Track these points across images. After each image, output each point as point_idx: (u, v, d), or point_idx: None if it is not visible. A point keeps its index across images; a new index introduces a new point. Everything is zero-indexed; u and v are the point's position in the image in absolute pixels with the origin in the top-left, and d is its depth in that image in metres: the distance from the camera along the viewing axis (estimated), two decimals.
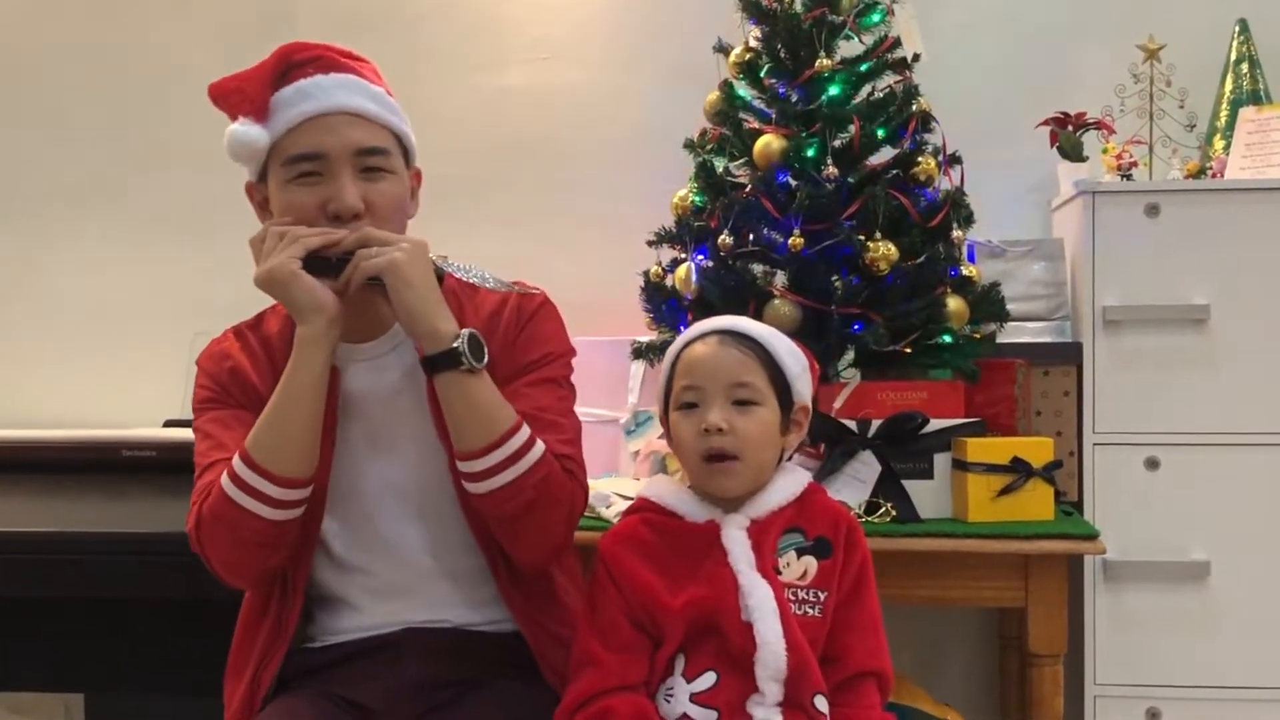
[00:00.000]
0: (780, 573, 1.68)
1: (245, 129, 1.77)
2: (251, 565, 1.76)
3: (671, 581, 1.68)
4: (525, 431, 1.72)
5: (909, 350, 2.34)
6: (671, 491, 1.76)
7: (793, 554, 1.70)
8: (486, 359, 1.73)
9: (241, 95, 1.78)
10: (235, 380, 1.85)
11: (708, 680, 1.65)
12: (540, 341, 1.86)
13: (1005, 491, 2.20)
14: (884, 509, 2.22)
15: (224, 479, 1.71)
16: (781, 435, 1.74)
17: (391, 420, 1.84)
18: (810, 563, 1.70)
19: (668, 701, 1.66)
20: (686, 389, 1.72)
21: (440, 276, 1.76)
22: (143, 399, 3.11)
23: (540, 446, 1.73)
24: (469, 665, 1.82)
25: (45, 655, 2.66)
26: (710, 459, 1.69)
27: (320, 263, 1.72)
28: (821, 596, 1.68)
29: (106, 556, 2.43)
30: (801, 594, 1.68)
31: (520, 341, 1.84)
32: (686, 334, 1.78)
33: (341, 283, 1.72)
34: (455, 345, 1.69)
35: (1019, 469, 2.21)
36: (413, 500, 1.83)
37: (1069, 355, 2.63)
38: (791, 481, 1.76)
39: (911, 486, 2.25)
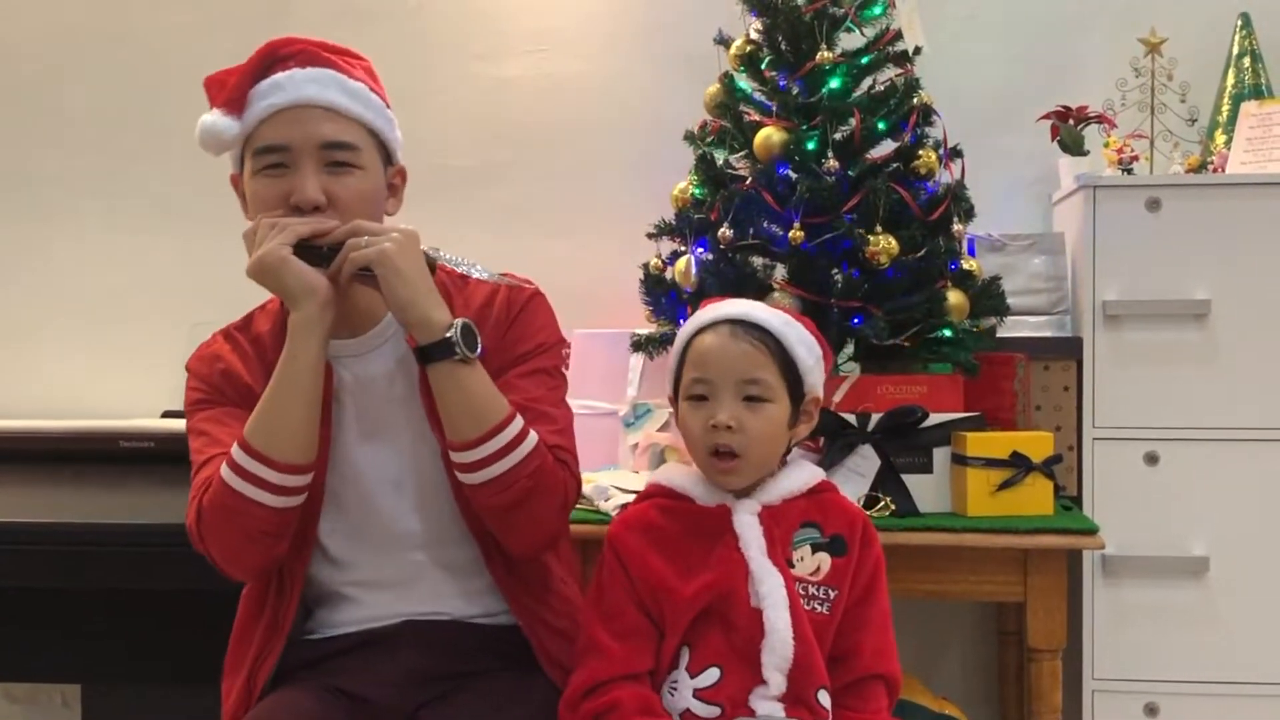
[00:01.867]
0: (794, 566, 1.68)
1: (214, 120, 1.79)
2: (254, 556, 1.76)
3: (682, 568, 1.67)
4: (518, 422, 1.72)
5: (909, 344, 2.34)
6: (683, 474, 1.76)
7: (808, 548, 1.70)
8: (480, 349, 1.73)
9: (221, 87, 1.80)
10: (228, 381, 1.85)
11: (711, 676, 1.65)
12: (532, 332, 1.86)
13: (1004, 486, 2.20)
14: (883, 503, 2.22)
15: (224, 469, 1.71)
16: (790, 428, 1.73)
17: (384, 413, 1.84)
18: (824, 559, 1.69)
19: (671, 695, 1.66)
20: (696, 381, 1.71)
21: (432, 266, 1.76)
22: (141, 390, 3.11)
23: (533, 437, 1.73)
24: (467, 657, 1.82)
25: (42, 645, 2.66)
26: (716, 454, 1.68)
27: (310, 252, 1.72)
28: (832, 594, 1.68)
29: (104, 548, 2.42)
30: (812, 589, 1.67)
31: (511, 333, 1.84)
32: (697, 319, 1.76)
33: (331, 272, 1.72)
34: (448, 335, 1.69)
35: (1018, 463, 2.21)
36: (407, 492, 1.83)
37: (1069, 350, 2.63)
38: (803, 473, 1.75)
39: (911, 481, 2.25)
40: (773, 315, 1.74)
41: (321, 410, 1.76)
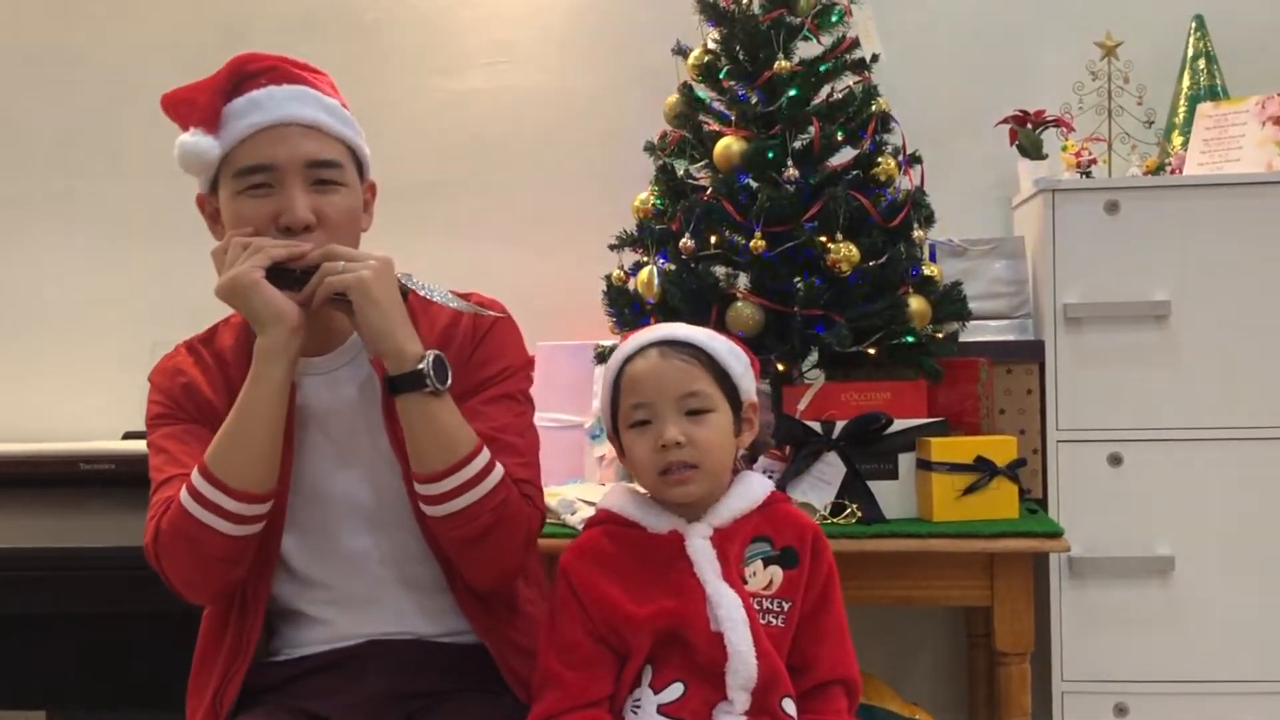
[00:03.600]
0: (746, 581, 1.68)
1: (196, 140, 1.75)
2: (211, 581, 1.74)
3: (635, 593, 1.66)
4: (485, 455, 1.70)
5: (872, 351, 2.34)
6: (632, 501, 1.75)
7: (759, 563, 1.69)
8: (450, 381, 1.71)
9: (192, 106, 1.76)
10: (189, 395, 1.83)
11: (675, 691, 1.64)
12: (496, 356, 1.84)
13: (970, 490, 2.20)
14: (849, 510, 2.22)
15: (183, 494, 1.68)
16: (736, 437, 1.73)
17: (348, 433, 1.82)
18: (776, 572, 1.69)
19: (635, 713, 1.65)
20: (636, 407, 1.70)
21: (404, 294, 1.74)
22: (100, 411, 3.09)
23: (499, 470, 1.71)
24: (434, 677, 1.81)
25: (4, 672, 2.63)
26: (667, 472, 1.67)
27: (283, 274, 1.70)
28: (786, 606, 1.68)
29: (65, 572, 2.40)
30: (766, 603, 1.67)
31: (476, 356, 1.82)
32: (622, 350, 1.76)
33: (304, 296, 1.70)
34: (420, 367, 1.67)
35: (983, 468, 2.21)
36: (370, 512, 1.82)
37: (1031, 353, 2.63)
38: (752, 488, 1.75)
39: (876, 487, 2.25)
40: (696, 331, 1.76)
41: (285, 432, 1.74)
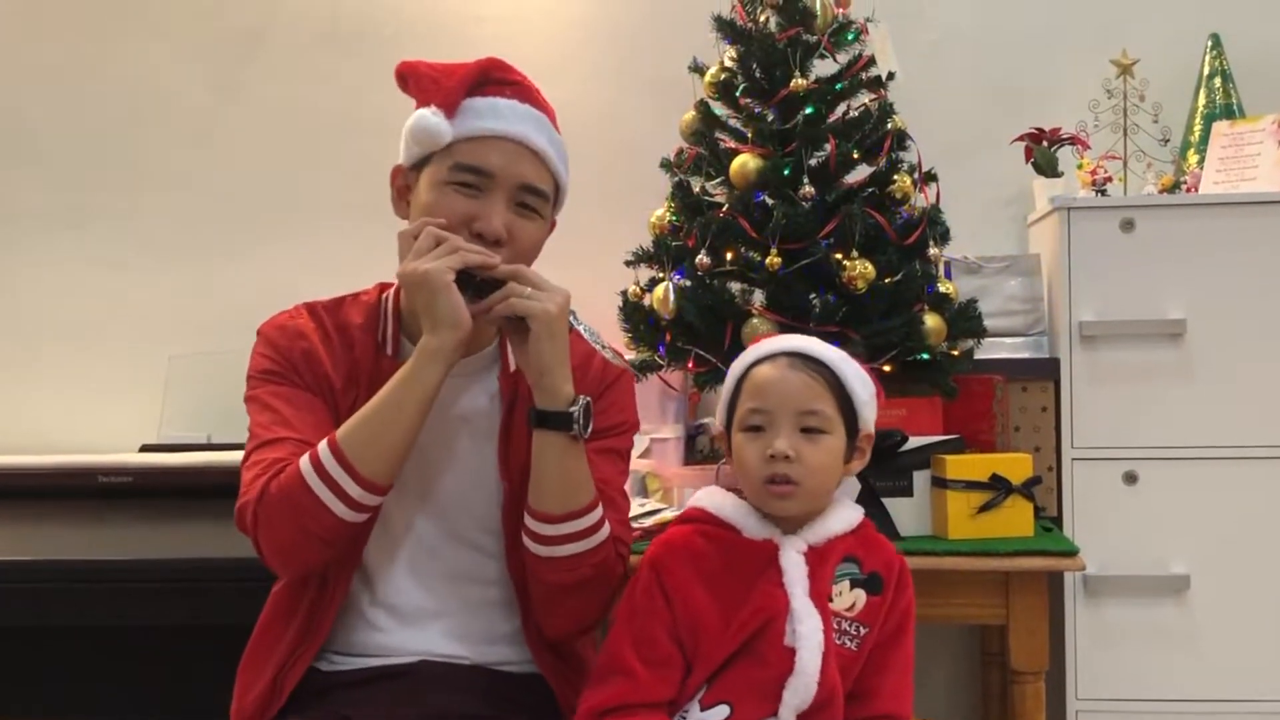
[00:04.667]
0: (831, 600, 1.67)
1: (437, 120, 1.75)
2: (306, 557, 1.71)
3: (724, 603, 1.65)
4: (599, 511, 1.71)
5: (887, 368, 2.34)
6: (731, 504, 1.73)
7: (846, 583, 1.68)
8: (591, 431, 1.71)
9: (437, 86, 1.77)
10: (307, 362, 1.79)
11: (720, 713, 1.62)
12: (616, 409, 1.85)
13: (985, 508, 2.20)
14: None
15: (304, 463, 1.65)
16: (844, 464, 1.72)
17: (456, 442, 1.81)
18: (860, 596, 1.68)
19: None
20: (753, 411, 1.69)
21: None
22: (119, 423, 3.10)
23: (607, 529, 1.72)
24: (486, 701, 1.78)
25: (24, 683, 2.64)
26: (772, 482, 1.66)
27: (465, 280, 1.68)
28: (863, 631, 1.67)
29: (84, 584, 2.41)
30: (846, 625, 1.66)
31: (597, 407, 1.79)
32: (754, 352, 1.74)
33: (482, 307, 1.69)
34: (571, 410, 1.68)
35: (998, 485, 2.21)
36: (454, 523, 1.81)
37: (1047, 370, 2.64)
38: (848, 513, 1.74)
39: (891, 504, 2.25)
40: (830, 350, 1.73)
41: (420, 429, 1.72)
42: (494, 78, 1.81)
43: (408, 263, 1.67)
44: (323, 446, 1.65)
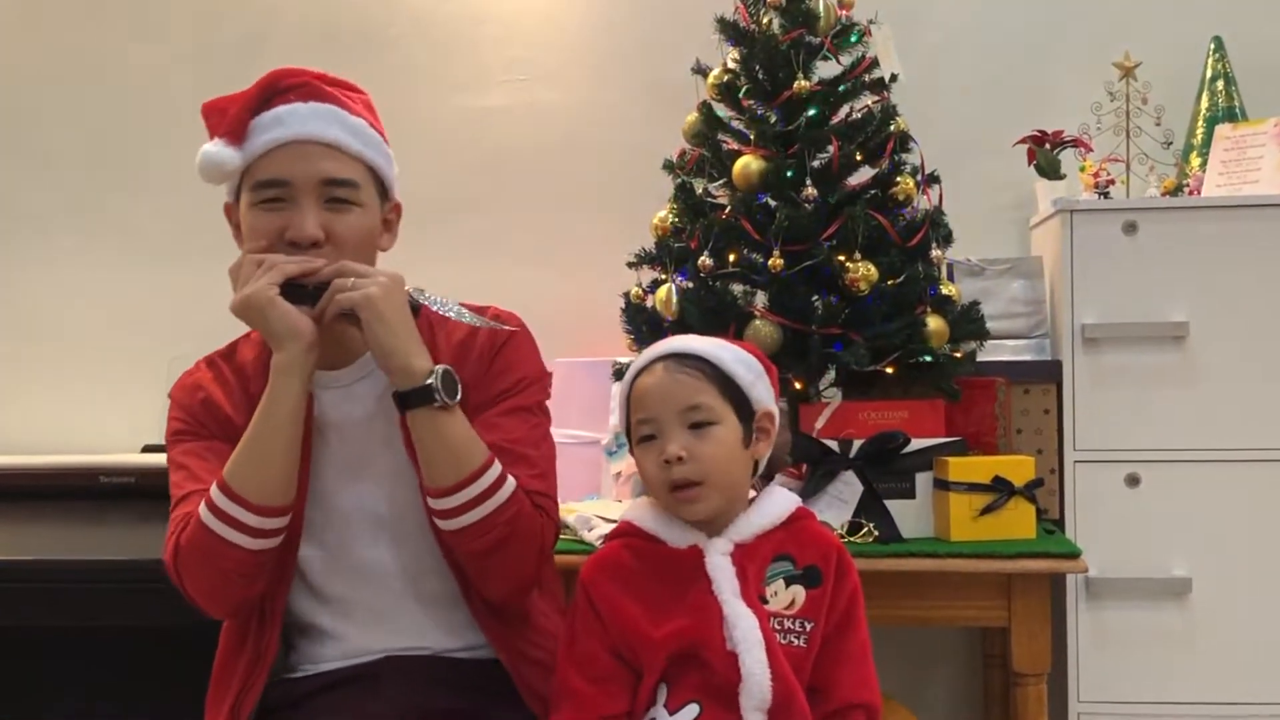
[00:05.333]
0: (767, 601, 1.66)
1: (215, 150, 1.77)
2: (230, 595, 1.75)
3: (654, 611, 1.65)
4: (496, 468, 1.71)
5: (890, 370, 2.34)
6: (653, 515, 1.73)
7: (781, 582, 1.67)
8: (460, 395, 1.72)
9: (222, 116, 1.78)
10: (208, 411, 1.84)
11: (690, 712, 1.62)
12: (513, 368, 1.85)
13: (987, 510, 2.20)
14: (866, 529, 2.22)
15: (202, 509, 1.69)
16: (747, 449, 1.71)
17: (364, 447, 1.83)
18: (799, 592, 1.67)
19: None
20: (642, 422, 1.70)
21: (415, 309, 1.75)
22: (120, 424, 3.10)
23: (510, 484, 1.72)
24: (451, 693, 1.80)
25: (24, 684, 2.64)
26: (675, 489, 1.67)
27: (297, 291, 1.71)
28: (808, 626, 1.65)
29: (86, 584, 2.41)
30: (787, 623, 1.65)
31: (493, 370, 1.83)
32: (634, 366, 1.75)
33: (316, 312, 1.71)
34: (428, 382, 1.68)
35: (1000, 488, 2.21)
36: (387, 525, 1.82)
37: (1049, 373, 2.64)
38: (776, 503, 1.73)
39: (894, 506, 2.25)
40: (703, 342, 1.73)
41: (302, 446, 1.75)
42: (280, 88, 1.80)
43: (235, 295, 1.71)
44: (213, 488, 1.70)
